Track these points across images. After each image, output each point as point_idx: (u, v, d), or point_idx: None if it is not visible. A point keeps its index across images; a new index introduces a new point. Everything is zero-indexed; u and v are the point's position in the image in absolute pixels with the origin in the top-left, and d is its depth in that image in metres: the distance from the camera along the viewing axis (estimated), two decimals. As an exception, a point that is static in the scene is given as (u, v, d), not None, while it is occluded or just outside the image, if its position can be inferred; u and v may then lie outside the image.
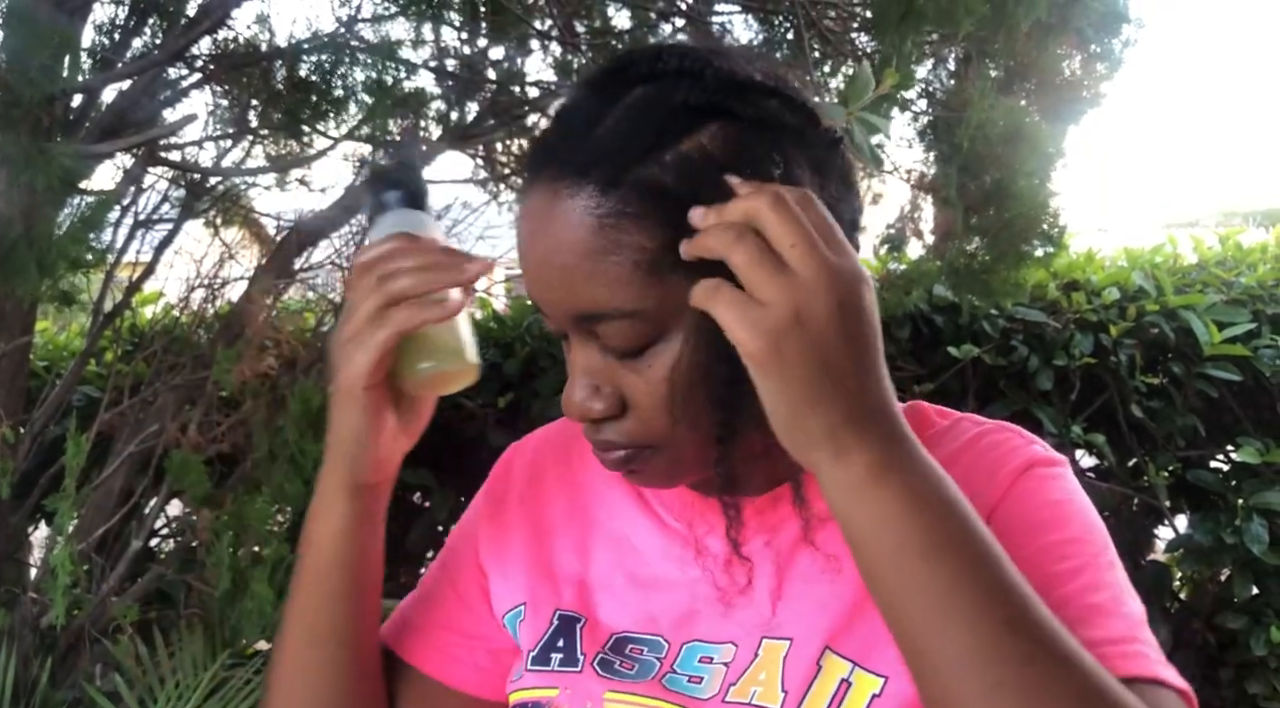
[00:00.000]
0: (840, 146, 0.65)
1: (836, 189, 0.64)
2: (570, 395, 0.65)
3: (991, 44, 2.51)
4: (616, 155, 0.59)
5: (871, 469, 0.56)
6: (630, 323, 0.61)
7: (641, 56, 0.63)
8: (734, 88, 0.61)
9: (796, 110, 0.63)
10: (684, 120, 0.60)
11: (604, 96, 0.62)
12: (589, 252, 0.60)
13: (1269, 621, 2.82)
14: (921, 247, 3.01)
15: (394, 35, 2.48)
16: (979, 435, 0.72)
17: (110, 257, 2.35)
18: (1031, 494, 0.67)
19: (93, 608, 2.03)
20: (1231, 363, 2.82)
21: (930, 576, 0.55)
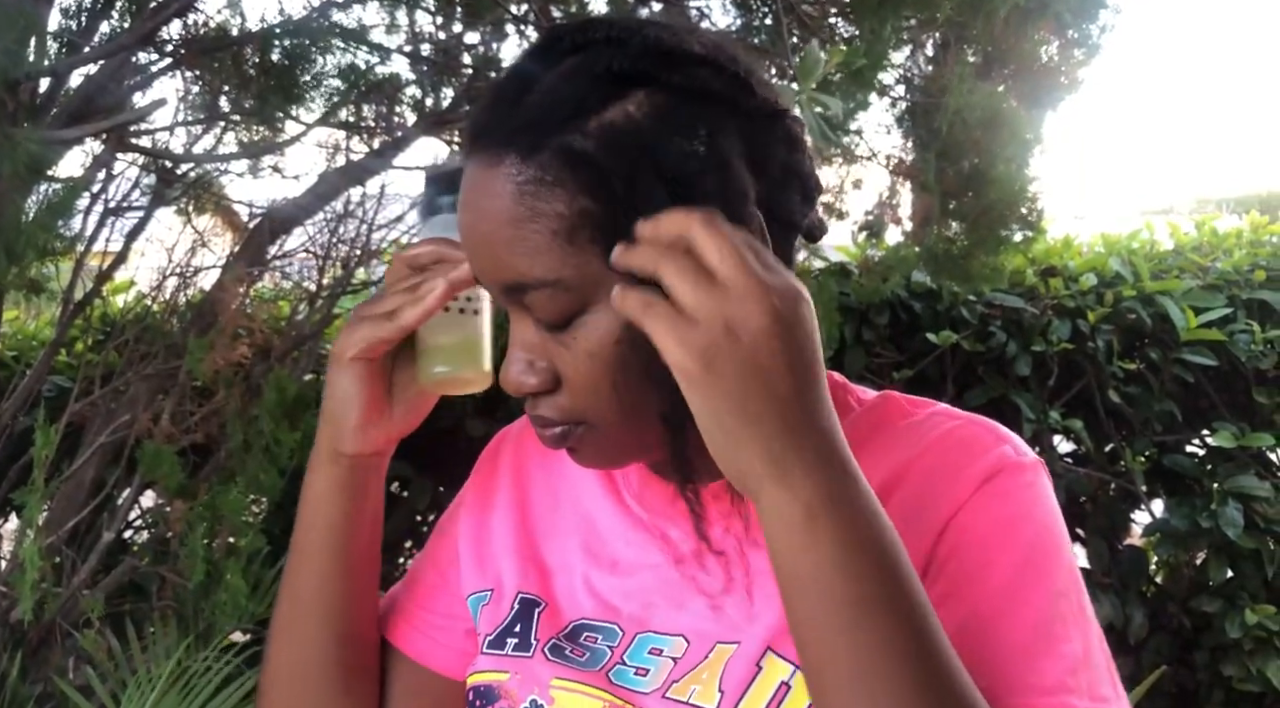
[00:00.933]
0: (782, 118, 0.63)
1: (780, 161, 0.63)
2: (505, 370, 0.65)
3: (970, 29, 2.51)
4: (538, 123, 0.59)
5: (809, 506, 0.54)
6: (551, 293, 0.60)
7: (572, 28, 0.62)
8: (660, 55, 0.59)
9: (730, 80, 0.61)
10: (607, 88, 0.59)
11: (534, 68, 0.61)
12: (510, 220, 0.59)
13: (1244, 604, 2.85)
14: (900, 233, 3.00)
15: (367, 20, 2.46)
16: (950, 431, 0.69)
17: (80, 245, 2.31)
18: (987, 510, 0.65)
19: (63, 601, 2.01)
20: (1207, 348, 2.84)
21: (854, 629, 0.54)
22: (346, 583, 0.76)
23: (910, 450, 0.68)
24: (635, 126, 0.58)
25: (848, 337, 2.84)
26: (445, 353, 0.72)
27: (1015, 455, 0.67)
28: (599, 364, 0.61)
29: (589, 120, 0.58)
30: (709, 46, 0.62)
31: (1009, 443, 0.68)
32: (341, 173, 2.62)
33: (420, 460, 2.75)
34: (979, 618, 0.61)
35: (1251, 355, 2.87)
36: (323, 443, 0.74)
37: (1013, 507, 0.65)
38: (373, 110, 2.71)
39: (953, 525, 0.64)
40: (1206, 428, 3.00)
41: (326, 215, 2.69)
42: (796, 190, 0.64)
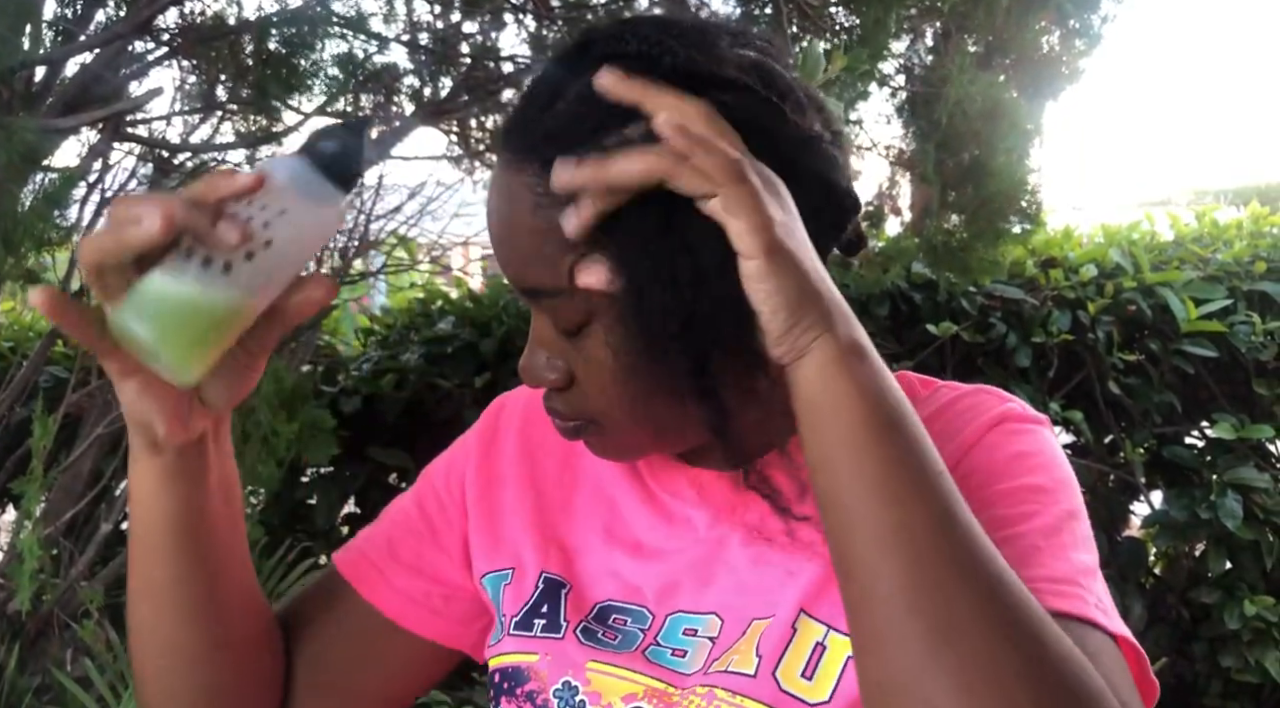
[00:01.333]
0: (817, 142, 0.63)
1: (813, 184, 0.62)
2: (525, 363, 0.66)
3: (971, 19, 2.50)
4: (560, 136, 0.59)
5: (852, 345, 0.57)
6: (564, 303, 0.61)
7: (605, 34, 0.61)
8: (686, 77, 0.58)
9: (761, 106, 0.60)
10: (631, 106, 0.57)
11: (565, 74, 0.61)
12: (528, 230, 0.60)
13: (1242, 594, 2.85)
14: (899, 224, 2.99)
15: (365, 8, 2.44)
16: (956, 398, 0.72)
17: (77, 234, 2.30)
18: (998, 446, 0.68)
19: (62, 592, 2.00)
20: (1208, 339, 2.84)
21: (888, 446, 0.56)
22: (210, 583, 0.69)
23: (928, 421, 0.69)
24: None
25: (847, 328, 2.83)
26: (152, 306, 0.53)
27: (1022, 410, 0.70)
28: (607, 372, 0.62)
29: (610, 136, 0.58)
30: (744, 66, 0.61)
31: (1015, 402, 0.71)
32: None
33: (418, 452, 2.75)
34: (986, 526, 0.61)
35: (1252, 347, 2.87)
36: (135, 439, 0.64)
37: (1021, 443, 0.68)
38: (370, 100, 2.69)
39: (959, 467, 0.65)
40: (1206, 419, 3.00)
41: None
42: (830, 211, 0.65)
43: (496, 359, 2.81)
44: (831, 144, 0.65)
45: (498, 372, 2.81)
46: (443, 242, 3.05)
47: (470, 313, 2.97)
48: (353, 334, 3.17)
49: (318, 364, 2.87)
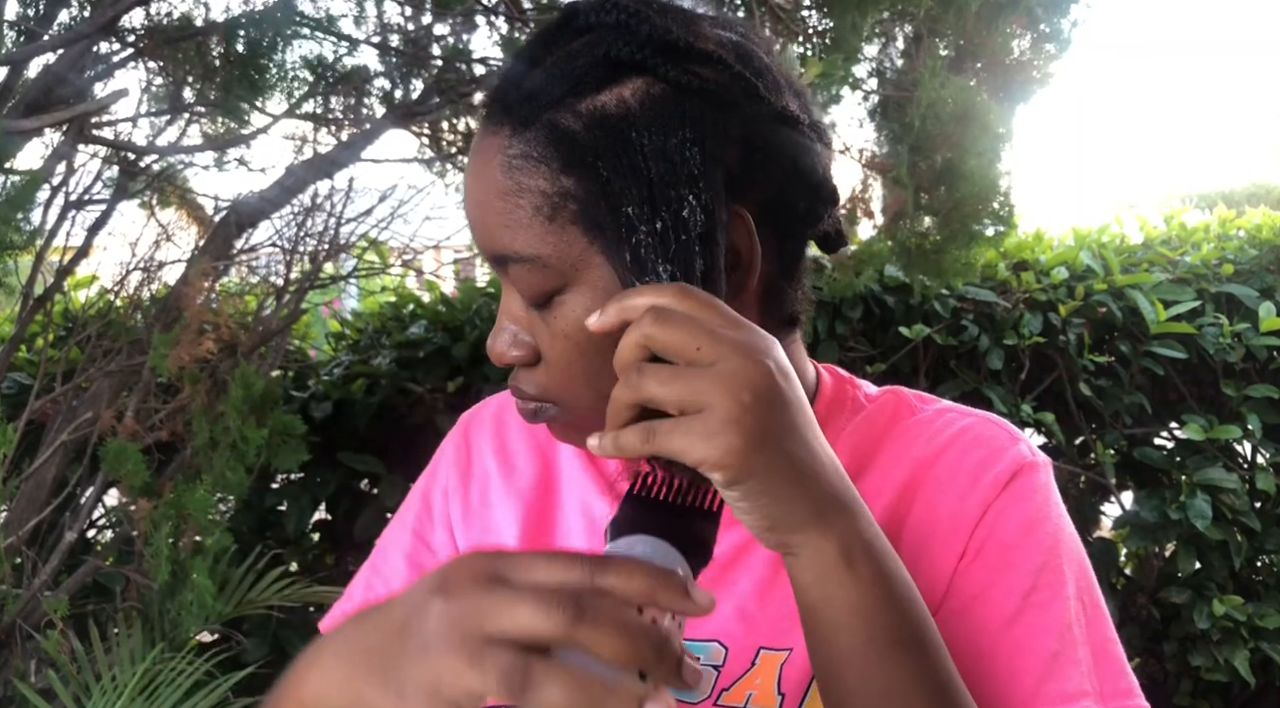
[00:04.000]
0: (790, 123, 0.62)
1: (783, 165, 0.62)
2: (492, 339, 0.65)
3: (941, 23, 2.50)
4: (534, 98, 0.59)
5: (848, 547, 0.54)
6: (531, 268, 0.60)
7: (589, 6, 0.61)
8: (663, 47, 0.58)
9: (734, 80, 0.60)
10: (607, 71, 0.58)
11: (548, 42, 0.61)
12: (498, 191, 0.59)
13: (1211, 594, 2.87)
14: (872, 227, 3.00)
15: (335, 10, 2.42)
16: (967, 428, 0.70)
17: (40, 238, 2.27)
18: (1012, 511, 0.66)
19: (25, 603, 1.96)
20: (1177, 341, 2.86)
21: (894, 667, 0.54)
22: None
23: (929, 447, 0.69)
24: (626, 113, 0.58)
25: (821, 330, 2.83)
26: None
27: (1030, 455, 0.69)
28: (573, 346, 0.61)
29: (582, 101, 0.58)
30: (723, 43, 0.62)
31: (1022, 441, 0.71)
32: (309, 165, 2.58)
33: (390, 457, 2.73)
34: (1002, 625, 0.63)
35: (1220, 348, 2.89)
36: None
37: (1032, 508, 0.67)
38: (340, 102, 2.67)
39: (983, 523, 0.66)
40: (1176, 420, 3.02)
41: (294, 208, 2.65)
42: (803, 197, 0.64)
43: (469, 364, 2.79)
44: (810, 129, 0.64)
45: (470, 376, 2.79)
46: (414, 245, 3.02)
47: (442, 317, 2.95)
48: (323, 338, 3.14)
49: (288, 369, 2.83)
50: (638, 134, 0.57)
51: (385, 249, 2.96)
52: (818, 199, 0.65)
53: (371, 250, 2.88)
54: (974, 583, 0.64)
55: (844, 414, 0.72)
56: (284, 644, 2.50)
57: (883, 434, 0.71)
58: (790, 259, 0.66)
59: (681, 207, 0.56)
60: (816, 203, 0.65)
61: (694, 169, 0.57)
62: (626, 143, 0.57)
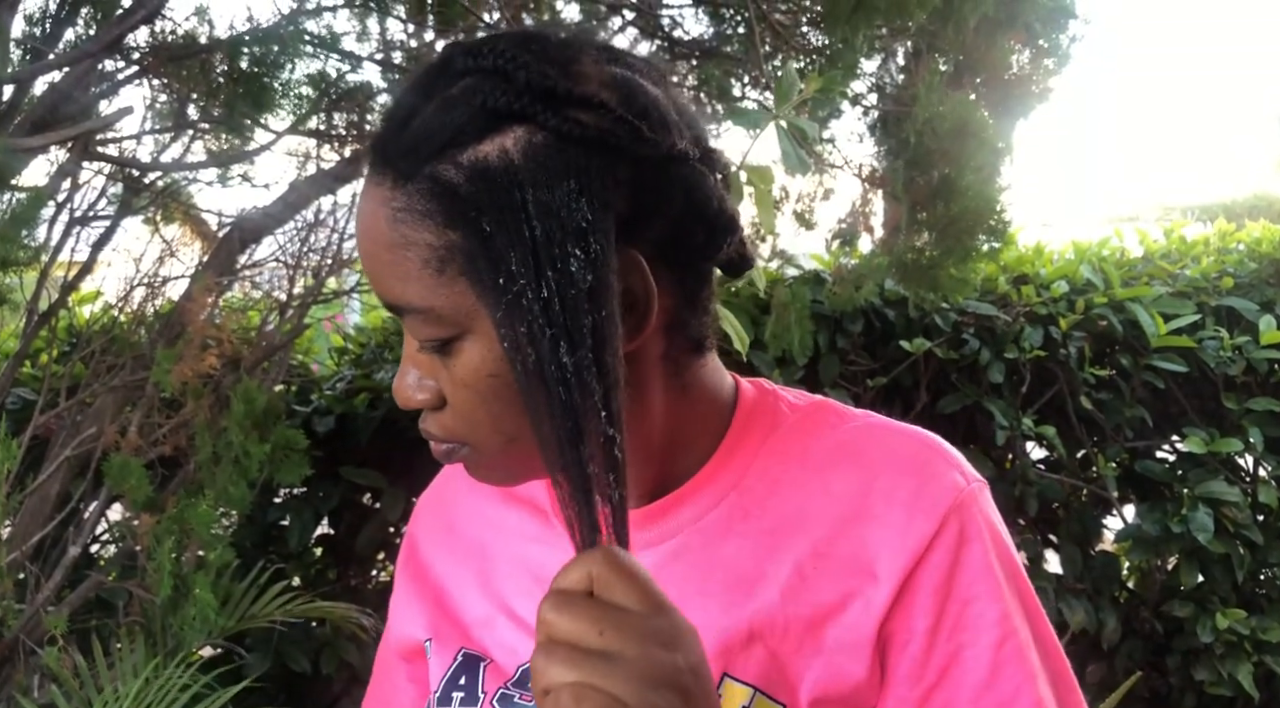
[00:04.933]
0: (678, 162, 0.61)
1: (675, 203, 0.61)
2: (397, 382, 0.65)
3: (940, 38, 2.52)
4: (414, 150, 0.59)
5: None
6: (425, 318, 0.60)
7: (466, 49, 0.61)
8: (542, 94, 0.57)
9: (616, 124, 0.58)
10: (485, 122, 0.57)
11: (426, 89, 0.60)
12: (386, 244, 0.59)
13: (1214, 608, 2.87)
14: (872, 241, 3.01)
15: (338, 27, 2.43)
16: (895, 452, 0.68)
17: (45, 255, 2.28)
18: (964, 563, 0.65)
19: (27, 618, 1.97)
20: (1177, 354, 2.87)
21: None
22: None
23: (860, 469, 0.68)
24: (508, 164, 0.57)
25: (822, 345, 2.84)
26: None
27: (966, 482, 0.67)
28: (474, 394, 0.61)
29: (463, 153, 0.57)
30: (606, 82, 0.60)
31: (959, 467, 0.68)
32: (312, 181, 2.60)
33: (392, 471, 2.73)
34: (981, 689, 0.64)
35: (1220, 362, 2.90)
36: None
37: (980, 551, 0.66)
38: (343, 118, 2.69)
39: (931, 567, 0.65)
40: (1177, 434, 3.03)
41: (297, 224, 2.66)
42: (699, 231, 0.63)
43: (471, 378, 2.80)
44: (700, 162, 0.63)
45: (472, 390, 2.80)
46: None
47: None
48: (326, 353, 3.15)
49: (290, 383, 2.84)
50: (520, 187, 0.56)
51: (388, 264, 2.97)
52: (714, 230, 0.64)
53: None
54: (943, 654, 0.64)
55: (764, 427, 0.71)
56: (286, 659, 2.50)
57: (804, 447, 0.69)
58: (692, 290, 0.65)
59: (569, 259, 0.55)
60: (714, 234, 0.64)
61: (581, 219, 0.56)
62: (509, 196, 0.56)
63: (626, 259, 0.59)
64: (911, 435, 0.70)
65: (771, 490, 0.68)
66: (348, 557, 2.85)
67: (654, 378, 0.65)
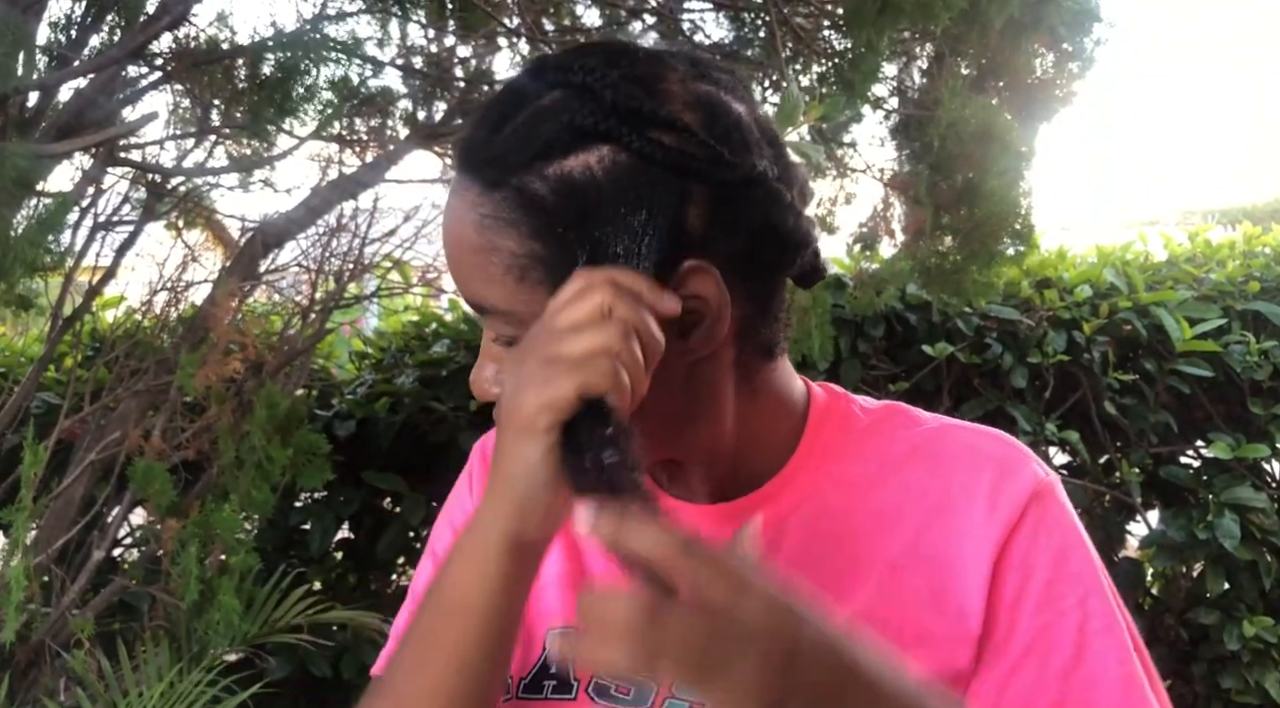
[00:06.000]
0: (758, 183, 0.62)
1: (753, 222, 0.62)
2: (474, 375, 0.67)
3: (964, 42, 2.51)
4: (504, 159, 0.60)
5: None
6: (506, 320, 0.62)
7: (559, 62, 0.62)
8: (628, 116, 0.59)
9: (698, 147, 0.60)
10: (571, 138, 0.59)
11: (516, 99, 0.62)
12: (471, 247, 0.62)
13: (1241, 615, 2.84)
14: (893, 245, 3.00)
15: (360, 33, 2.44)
16: (973, 448, 0.69)
17: (69, 260, 2.29)
18: (1044, 545, 0.66)
19: (53, 622, 1.98)
20: (1202, 359, 2.84)
21: None
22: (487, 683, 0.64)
23: (939, 468, 0.68)
24: (591, 181, 0.59)
25: (843, 349, 2.83)
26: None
27: (1045, 475, 0.68)
28: None
29: (549, 166, 0.59)
30: (690, 103, 0.61)
31: (1035, 460, 0.69)
32: (334, 186, 2.61)
33: (413, 475, 2.73)
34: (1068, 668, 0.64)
35: (1246, 367, 2.87)
36: (499, 529, 0.59)
37: (1061, 535, 0.66)
38: (365, 123, 2.70)
39: (1012, 551, 0.65)
40: (1202, 439, 3.00)
41: (319, 229, 2.67)
42: (774, 247, 0.64)
43: (491, 382, 2.80)
44: (779, 181, 0.64)
45: (493, 395, 2.80)
46: (437, 264, 3.04)
47: (465, 335, 2.97)
48: (347, 358, 3.16)
49: (312, 388, 2.85)
50: (602, 203, 0.58)
51: (409, 269, 2.98)
52: (789, 246, 0.65)
53: (395, 270, 2.90)
54: (1027, 630, 0.64)
55: (838, 430, 0.72)
56: (307, 663, 2.50)
57: (883, 451, 0.70)
58: (764, 300, 0.66)
59: (641, 272, 0.58)
60: (788, 249, 0.65)
61: (657, 237, 0.58)
62: (592, 211, 0.58)
63: (702, 271, 0.60)
64: (986, 432, 0.71)
65: (850, 492, 0.69)
66: (368, 561, 2.86)
67: (725, 383, 0.66)
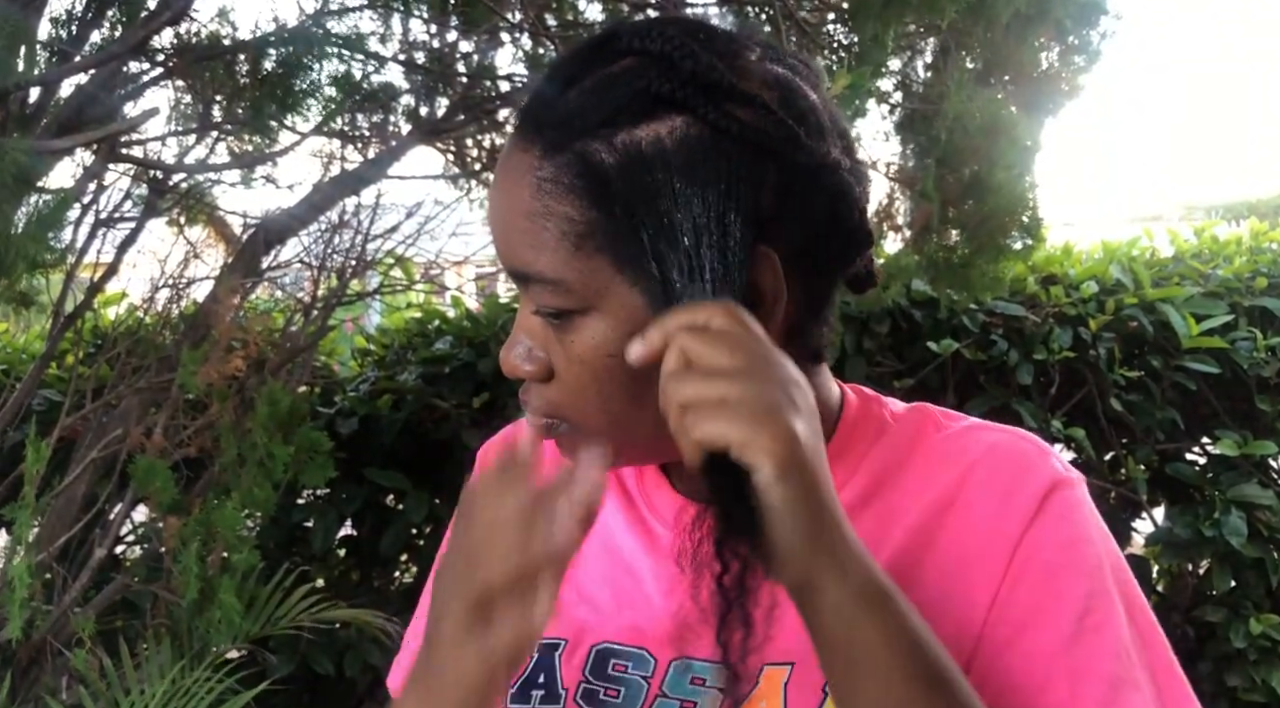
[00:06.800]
0: (829, 171, 0.61)
1: (819, 212, 0.61)
2: (505, 351, 0.65)
3: (969, 36, 2.49)
4: (569, 123, 0.58)
5: (867, 586, 0.54)
6: (553, 290, 0.60)
7: (634, 29, 0.60)
8: (705, 87, 0.57)
9: (775, 126, 0.58)
10: (644, 105, 0.57)
11: (587, 61, 0.60)
12: (525, 211, 0.59)
13: (1247, 613, 2.83)
14: (899, 241, 2.98)
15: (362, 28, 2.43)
16: (996, 445, 0.68)
17: (71, 256, 2.28)
18: (1052, 533, 0.64)
19: (55, 619, 1.97)
20: (1209, 355, 2.82)
21: (920, 702, 0.54)
22: None
23: (956, 465, 0.67)
24: (660, 152, 0.57)
25: (848, 345, 2.82)
26: None
27: (1064, 471, 0.67)
28: (588, 371, 0.61)
29: (617, 134, 0.57)
30: (768, 82, 0.60)
31: (1054, 457, 0.68)
32: (336, 182, 2.60)
33: (416, 474, 2.73)
34: (1057, 651, 0.62)
35: (1253, 363, 2.85)
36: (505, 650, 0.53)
37: (1071, 527, 0.65)
38: (367, 119, 2.68)
39: (1024, 544, 0.64)
40: (1208, 436, 2.98)
41: (321, 225, 2.66)
42: (836, 240, 0.63)
43: (495, 379, 2.79)
44: (849, 173, 0.63)
45: (496, 391, 2.79)
46: (440, 261, 3.03)
47: (468, 332, 2.96)
48: (350, 355, 3.15)
49: (314, 385, 2.84)
50: (671, 177, 0.56)
51: (411, 265, 2.97)
52: (851, 243, 0.64)
53: (397, 266, 2.89)
54: (1021, 609, 0.62)
55: (869, 434, 0.71)
56: (310, 661, 2.50)
57: (908, 453, 0.69)
58: (817, 300, 0.65)
59: (709, 251, 0.56)
60: (849, 246, 0.64)
61: (728, 217, 0.57)
62: (659, 184, 0.56)
63: (761, 257, 0.59)
64: (1009, 431, 0.70)
65: (877, 494, 0.68)
66: (372, 559, 2.85)
67: None
